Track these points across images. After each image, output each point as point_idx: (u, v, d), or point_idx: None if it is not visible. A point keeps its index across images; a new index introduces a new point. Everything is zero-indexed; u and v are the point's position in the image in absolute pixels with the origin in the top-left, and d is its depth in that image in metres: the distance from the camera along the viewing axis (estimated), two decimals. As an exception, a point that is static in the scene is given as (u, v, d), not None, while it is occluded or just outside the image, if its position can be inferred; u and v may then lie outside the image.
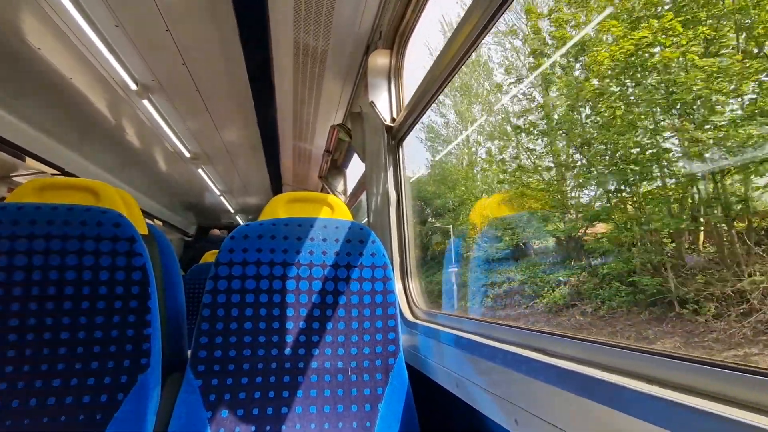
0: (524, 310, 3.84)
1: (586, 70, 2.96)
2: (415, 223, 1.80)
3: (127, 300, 0.98)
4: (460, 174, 5.75)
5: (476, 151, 5.70)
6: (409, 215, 1.79)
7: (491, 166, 5.16)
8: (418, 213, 5.95)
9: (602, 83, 2.67)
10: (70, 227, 0.99)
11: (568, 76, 3.32)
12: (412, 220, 1.81)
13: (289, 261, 1.06)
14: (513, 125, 4.35)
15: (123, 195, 1.38)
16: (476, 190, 5.48)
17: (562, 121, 3.45)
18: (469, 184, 5.58)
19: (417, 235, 4.03)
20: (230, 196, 6.53)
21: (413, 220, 1.81)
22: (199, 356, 0.98)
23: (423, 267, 5.29)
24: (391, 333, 1.08)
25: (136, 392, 0.94)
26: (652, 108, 2.30)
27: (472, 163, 5.70)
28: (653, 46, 2.25)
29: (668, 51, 2.13)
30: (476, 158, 5.65)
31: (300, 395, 1.00)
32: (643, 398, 0.53)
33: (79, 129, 3.60)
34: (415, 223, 1.80)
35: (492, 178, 5.05)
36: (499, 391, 0.84)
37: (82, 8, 2.08)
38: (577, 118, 3.20)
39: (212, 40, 2.35)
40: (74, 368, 0.93)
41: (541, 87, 3.97)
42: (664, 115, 2.25)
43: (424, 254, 5.89)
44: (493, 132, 5.14)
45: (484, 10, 1.13)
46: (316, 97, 2.79)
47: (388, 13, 1.79)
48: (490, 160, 5.16)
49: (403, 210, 1.79)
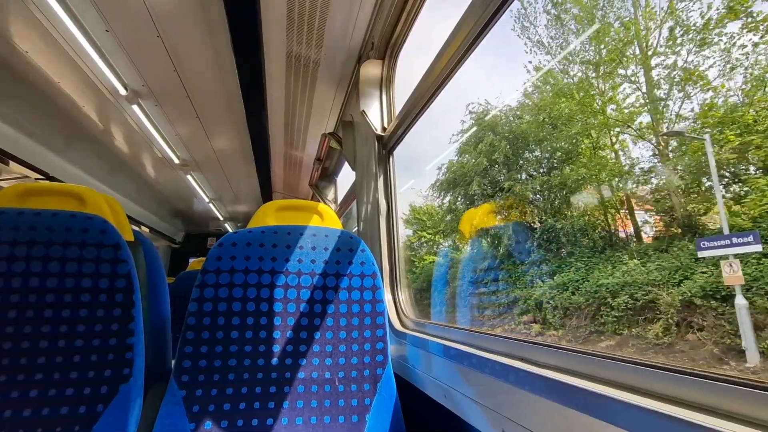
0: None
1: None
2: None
3: (111, 308, 0.96)
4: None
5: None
6: (399, 224, 1.80)
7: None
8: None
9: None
10: (54, 233, 0.97)
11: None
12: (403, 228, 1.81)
13: (278, 269, 1.05)
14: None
15: (109, 201, 1.36)
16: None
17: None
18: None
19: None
20: (219, 203, 6.47)
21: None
22: (184, 366, 0.96)
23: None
24: (379, 343, 1.08)
25: (117, 403, 0.92)
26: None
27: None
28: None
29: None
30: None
31: (286, 406, 0.98)
32: (629, 409, 0.54)
33: (66, 133, 3.55)
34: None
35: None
36: (487, 402, 0.84)
37: (72, 13, 2.07)
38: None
39: (204, 47, 2.34)
40: (53, 378, 0.90)
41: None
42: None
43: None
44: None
45: (475, 23, 1.15)
46: (308, 106, 2.80)
47: (380, 25, 1.82)
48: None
49: (393, 219, 1.79)
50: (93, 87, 2.83)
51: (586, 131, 3.93)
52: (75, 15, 2.09)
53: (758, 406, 0.46)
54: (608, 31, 3.64)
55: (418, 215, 7.87)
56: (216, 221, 7.72)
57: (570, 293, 3.45)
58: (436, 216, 7.55)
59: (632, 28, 3.45)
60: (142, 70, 2.61)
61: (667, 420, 0.49)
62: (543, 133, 4.53)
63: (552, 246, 3.98)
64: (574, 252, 3.72)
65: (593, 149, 3.96)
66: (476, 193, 5.08)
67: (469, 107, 5.77)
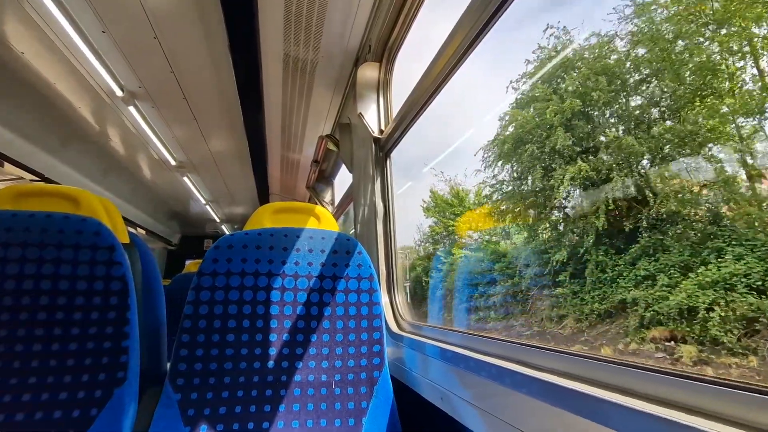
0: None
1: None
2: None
3: (106, 311, 0.95)
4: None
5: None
6: (396, 227, 1.80)
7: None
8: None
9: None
10: (48, 235, 0.96)
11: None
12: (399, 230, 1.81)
13: (274, 272, 1.05)
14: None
15: (105, 203, 1.35)
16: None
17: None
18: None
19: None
20: (216, 205, 6.45)
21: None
22: (179, 369, 0.95)
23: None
24: (376, 345, 1.07)
25: (112, 407, 0.91)
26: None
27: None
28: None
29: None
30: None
31: (282, 409, 0.98)
32: (626, 412, 0.54)
33: (61, 134, 3.53)
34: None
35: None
36: (483, 405, 0.84)
37: (69, 14, 2.06)
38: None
39: (201, 49, 2.34)
40: (46, 382, 0.89)
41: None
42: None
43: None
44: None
45: (471, 26, 1.16)
46: (305, 108, 2.80)
47: (377, 27, 1.82)
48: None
49: (390, 221, 1.79)
50: (89, 88, 2.82)
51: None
52: (71, 16, 2.08)
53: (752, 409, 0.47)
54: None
55: (443, 201, 6.46)
56: (212, 223, 7.70)
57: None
58: (465, 199, 6.16)
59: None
60: (138, 72, 2.60)
61: (665, 424, 0.49)
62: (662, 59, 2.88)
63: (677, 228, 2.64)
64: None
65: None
66: (563, 148, 3.46)
67: (543, 37, 4.08)
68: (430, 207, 6.64)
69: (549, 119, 3.61)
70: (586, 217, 3.40)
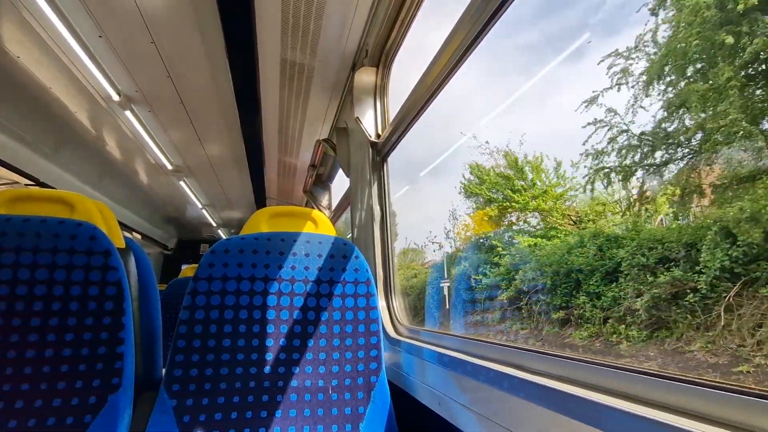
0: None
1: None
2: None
3: (101, 316, 0.95)
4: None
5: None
6: (393, 231, 1.79)
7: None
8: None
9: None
10: (43, 240, 0.95)
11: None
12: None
13: (271, 276, 1.05)
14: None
15: (100, 207, 1.34)
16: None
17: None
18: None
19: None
20: (213, 209, 6.43)
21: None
22: (174, 375, 0.94)
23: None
24: (373, 350, 1.07)
25: (106, 414, 0.90)
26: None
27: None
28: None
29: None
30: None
31: (279, 415, 0.97)
32: (624, 417, 0.54)
33: (57, 139, 3.52)
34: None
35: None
36: (481, 409, 0.84)
37: (66, 18, 2.06)
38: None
39: (198, 53, 2.34)
40: (39, 389, 0.88)
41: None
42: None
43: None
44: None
45: (468, 31, 1.16)
46: (302, 112, 2.80)
47: (374, 32, 1.83)
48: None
49: (387, 226, 1.79)
50: (85, 92, 2.81)
51: None
52: (68, 20, 2.08)
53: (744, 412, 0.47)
54: None
55: (498, 176, 4.76)
56: (209, 228, 7.67)
57: None
58: (539, 171, 4.48)
59: None
60: (135, 76, 2.60)
61: (660, 427, 0.49)
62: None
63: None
64: None
65: None
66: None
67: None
68: (473, 184, 4.97)
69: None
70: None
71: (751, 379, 1.97)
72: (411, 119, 1.59)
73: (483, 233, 4.91)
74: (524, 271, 3.93)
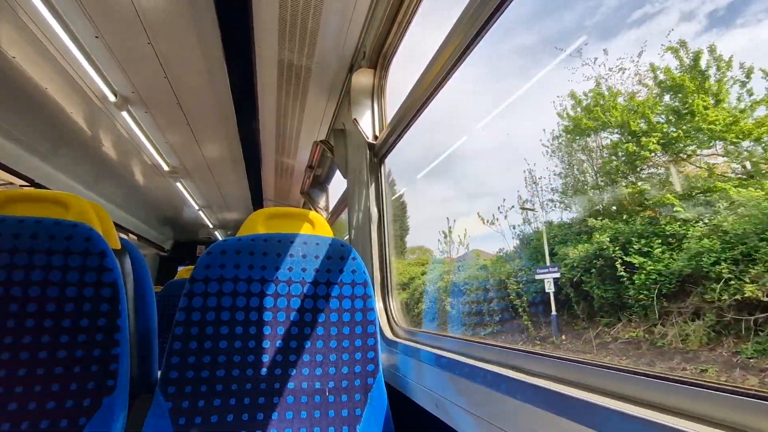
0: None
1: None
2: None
3: (96, 318, 0.94)
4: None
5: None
6: (391, 232, 1.79)
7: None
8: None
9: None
10: (38, 241, 0.94)
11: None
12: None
13: (268, 278, 1.04)
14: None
15: (96, 208, 1.33)
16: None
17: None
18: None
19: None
20: (210, 211, 6.40)
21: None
22: (170, 377, 0.94)
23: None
24: (370, 352, 1.07)
25: (101, 416, 0.89)
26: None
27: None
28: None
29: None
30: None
31: (275, 418, 0.96)
32: (622, 418, 0.54)
33: (52, 139, 3.50)
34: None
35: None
36: (478, 411, 0.84)
37: (62, 18, 2.05)
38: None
39: (195, 54, 2.34)
40: (34, 391, 0.87)
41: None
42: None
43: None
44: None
45: (466, 33, 1.17)
46: (300, 113, 2.80)
47: (371, 34, 1.83)
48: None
49: (384, 227, 1.79)
50: (81, 93, 2.80)
51: None
52: (64, 21, 2.07)
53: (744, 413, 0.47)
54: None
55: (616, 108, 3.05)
56: (206, 229, 7.64)
57: None
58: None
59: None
60: (131, 77, 2.59)
61: (659, 429, 0.49)
62: None
63: None
64: None
65: None
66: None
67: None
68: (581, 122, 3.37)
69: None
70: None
71: None
72: (408, 121, 1.59)
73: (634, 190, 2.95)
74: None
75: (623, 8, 4.60)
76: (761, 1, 3.12)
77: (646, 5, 3.96)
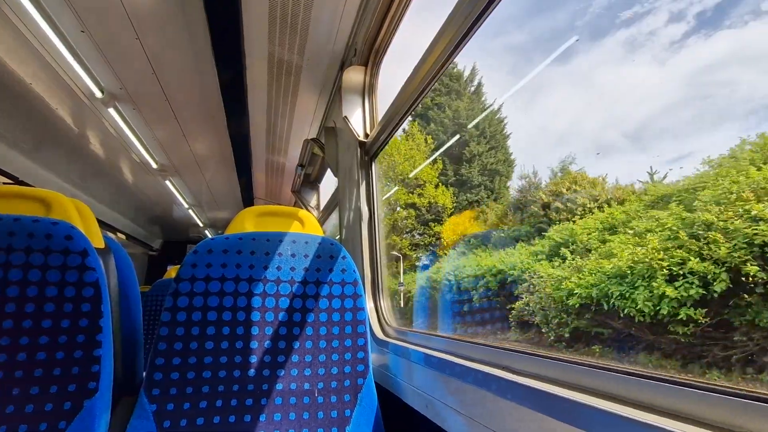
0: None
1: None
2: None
3: (77, 318, 0.91)
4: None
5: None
6: (381, 231, 1.78)
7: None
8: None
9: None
10: (16, 239, 0.91)
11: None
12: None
13: (256, 277, 1.02)
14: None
15: (79, 206, 1.30)
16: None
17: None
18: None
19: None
20: (199, 209, 6.33)
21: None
22: (155, 378, 0.92)
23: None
24: (360, 352, 1.05)
25: (82, 419, 0.87)
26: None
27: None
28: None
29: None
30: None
31: (263, 419, 0.95)
32: (612, 419, 0.53)
33: (37, 136, 3.42)
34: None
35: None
36: (469, 412, 0.83)
37: (46, 12, 2.00)
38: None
39: (184, 50, 2.30)
40: (11, 394, 0.85)
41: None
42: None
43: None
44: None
45: (457, 29, 1.16)
46: (290, 111, 2.77)
47: (362, 31, 1.81)
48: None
49: (375, 226, 1.78)
50: (67, 89, 2.74)
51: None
52: (48, 14, 2.02)
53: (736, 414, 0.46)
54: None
55: None
56: (195, 228, 7.56)
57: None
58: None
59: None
60: (119, 73, 2.54)
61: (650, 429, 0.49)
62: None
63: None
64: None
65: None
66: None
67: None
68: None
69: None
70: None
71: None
72: (399, 119, 1.58)
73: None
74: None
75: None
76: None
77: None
